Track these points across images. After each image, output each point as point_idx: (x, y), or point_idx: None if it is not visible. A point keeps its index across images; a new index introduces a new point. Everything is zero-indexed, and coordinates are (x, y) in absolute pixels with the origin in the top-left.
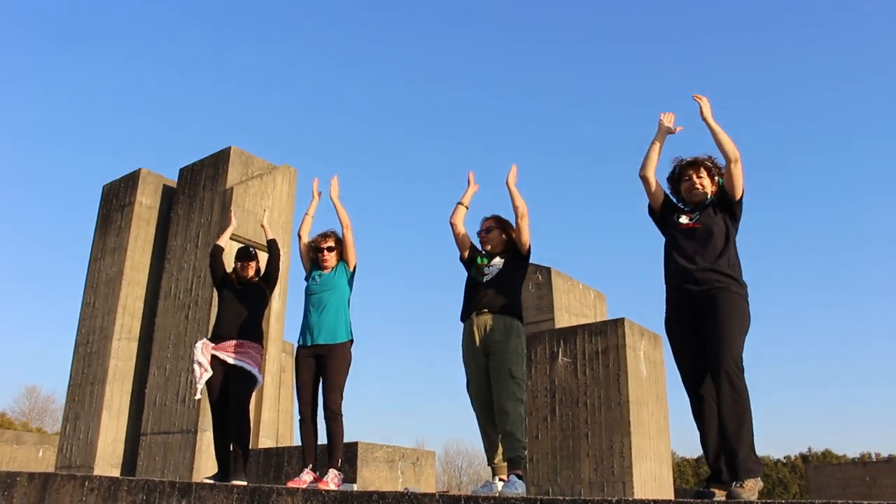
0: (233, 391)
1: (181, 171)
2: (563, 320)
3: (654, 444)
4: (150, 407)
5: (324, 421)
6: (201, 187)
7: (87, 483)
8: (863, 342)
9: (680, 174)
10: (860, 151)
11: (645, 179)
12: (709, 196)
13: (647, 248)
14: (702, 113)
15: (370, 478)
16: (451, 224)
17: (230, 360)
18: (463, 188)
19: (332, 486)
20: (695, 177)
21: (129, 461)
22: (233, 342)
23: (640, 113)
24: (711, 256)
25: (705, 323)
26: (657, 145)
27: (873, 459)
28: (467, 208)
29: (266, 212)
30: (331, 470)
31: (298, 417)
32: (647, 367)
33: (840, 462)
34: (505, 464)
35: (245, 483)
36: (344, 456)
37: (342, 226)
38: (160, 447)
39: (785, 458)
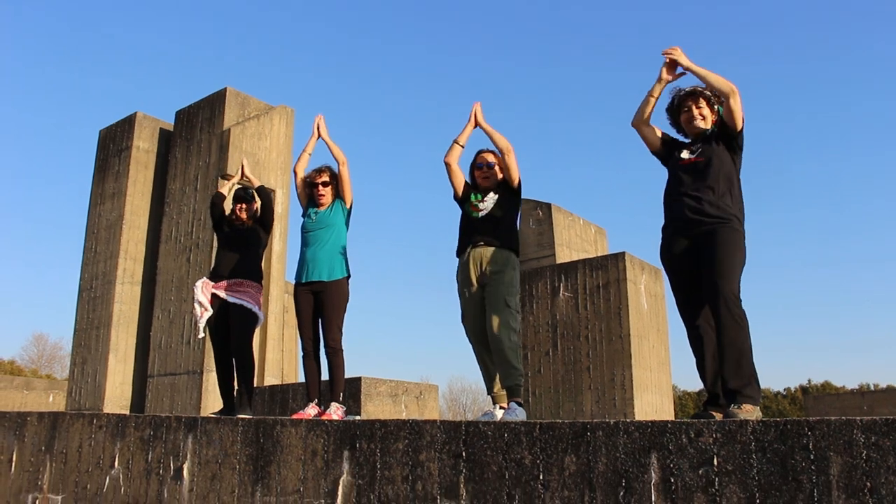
0: (233, 328)
1: (177, 113)
2: (563, 256)
3: (655, 377)
4: (156, 349)
5: (325, 357)
6: (198, 130)
7: (95, 420)
8: (862, 272)
9: (679, 105)
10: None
11: (637, 129)
12: (710, 127)
13: (647, 183)
14: (680, 65)
15: (374, 412)
16: (446, 163)
17: (229, 299)
18: (460, 127)
19: (335, 419)
20: (694, 108)
21: (138, 403)
22: (231, 281)
23: (639, 53)
24: (714, 191)
25: (704, 255)
26: (653, 98)
27: (871, 389)
28: (463, 148)
29: (245, 160)
30: (333, 403)
31: (301, 353)
32: (647, 301)
33: (839, 393)
34: (504, 392)
35: (250, 416)
36: (348, 391)
37: (338, 162)
38: (167, 388)
39: (784, 389)
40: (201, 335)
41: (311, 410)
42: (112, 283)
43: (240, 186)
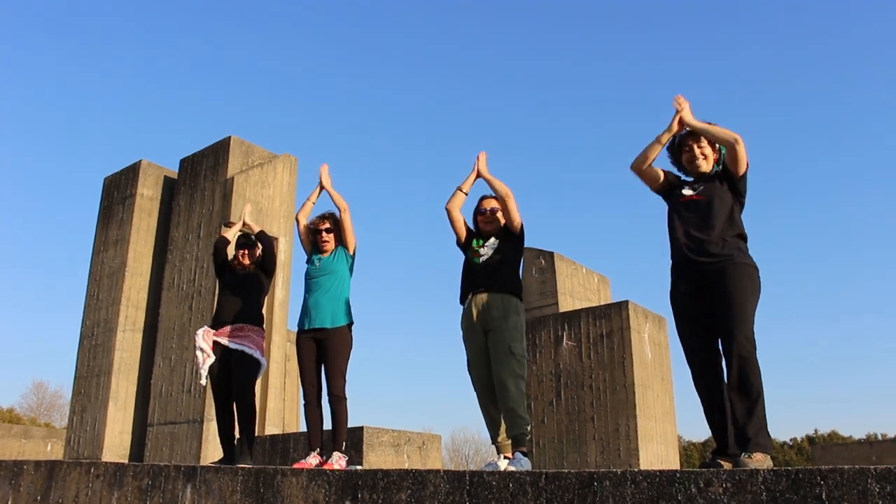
0: (235, 376)
1: (182, 161)
2: (566, 304)
3: (659, 427)
4: (156, 398)
5: (328, 405)
6: (202, 177)
7: (92, 469)
8: (867, 322)
9: (680, 144)
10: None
11: (637, 173)
12: (712, 167)
13: (651, 232)
14: (683, 120)
15: (376, 462)
16: (447, 210)
17: (231, 345)
18: (464, 176)
19: (337, 468)
20: (695, 147)
21: (137, 452)
22: (233, 326)
23: (640, 101)
24: (716, 227)
25: (714, 295)
26: (659, 146)
27: (879, 439)
28: (466, 195)
29: (248, 206)
30: (335, 453)
31: (303, 402)
32: (651, 350)
33: (846, 443)
34: (509, 442)
35: (250, 465)
36: (350, 440)
37: (339, 210)
38: (167, 437)
39: (791, 439)
40: (203, 382)
41: (313, 460)
42: (113, 330)
43: (241, 233)
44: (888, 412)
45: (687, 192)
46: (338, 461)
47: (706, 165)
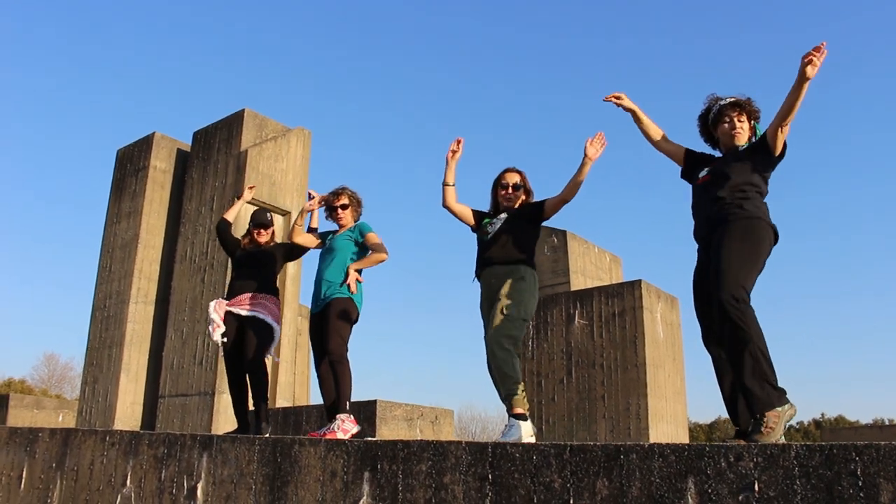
0: (248, 341)
1: (195, 134)
2: (578, 283)
3: (670, 406)
4: (168, 370)
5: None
6: (215, 150)
7: (108, 437)
8: (875, 304)
9: (720, 114)
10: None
11: (661, 151)
12: (746, 136)
13: (663, 212)
14: (811, 74)
15: (389, 436)
16: (447, 208)
17: (244, 313)
18: (481, 148)
19: (340, 434)
20: (737, 120)
21: (148, 423)
22: (247, 295)
23: (657, 79)
24: (723, 200)
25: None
26: (639, 125)
27: (887, 424)
28: (454, 186)
29: (251, 190)
30: (338, 416)
31: (316, 373)
32: (663, 330)
33: (855, 427)
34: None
35: (268, 433)
36: (363, 414)
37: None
38: (178, 409)
39: (798, 423)
40: (221, 343)
41: (351, 426)
42: (126, 302)
43: (259, 209)
44: (894, 397)
45: (702, 173)
46: (341, 424)
47: (742, 139)
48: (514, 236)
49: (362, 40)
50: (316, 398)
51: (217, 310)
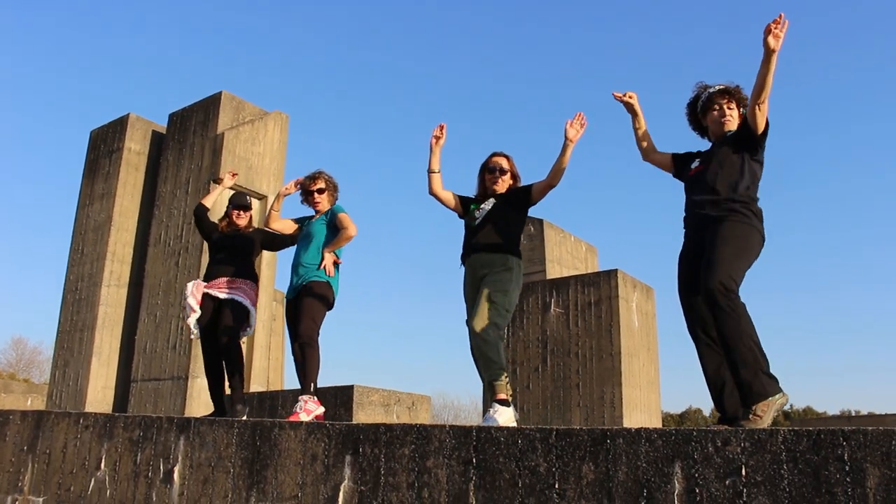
0: (224, 322)
1: (171, 116)
2: (554, 272)
3: (644, 395)
4: (141, 354)
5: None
6: (191, 133)
7: (81, 420)
8: (841, 299)
9: (709, 102)
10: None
11: (650, 162)
12: (735, 123)
13: (639, 203)
14: (774, 46)
15: (365, 421)
16: (433, 195)
17: (221, 296)
18: (460, 134)
19: (303, 416)
20: (726, 107)
21: (120, 408)
22: (224, 279)
23: (635, 72)
24: (716, 192)
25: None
26: (637, 131)
27: (854, 415)
28: (439, 173)
29: (233, 175)
30: (300, 396)
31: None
32: (638, 319)
33: (823, 417)
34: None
35: (244, 415)
36: (339, 399)
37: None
38: (150, 394)
39: None
40: (194, 335)
41: (314, 406)
42: (98, 285)
43: (237, 192)
44: (860, 388)
45: (694, 164)
46: (305, 405)
47: (732, 124)
48: (502, 223)
49: (342, 25)
50: (291, 383)
51: (195, 293)
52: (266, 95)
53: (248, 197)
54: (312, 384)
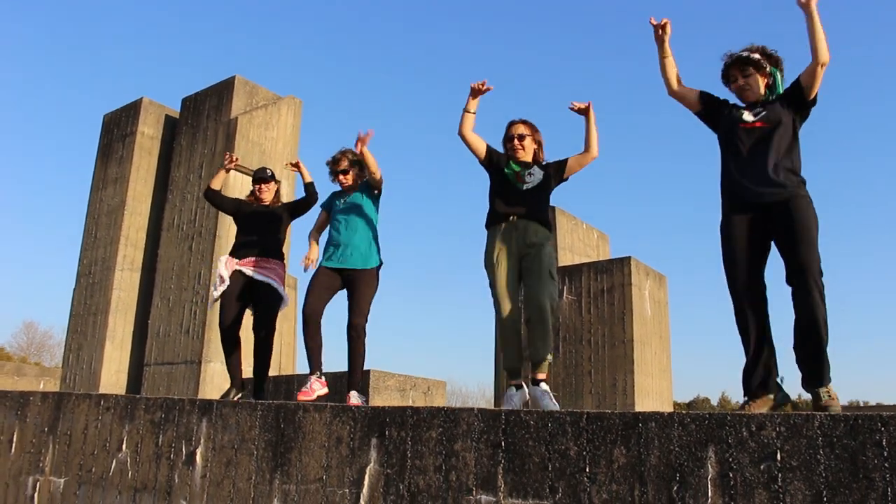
0: (261, 307)
1: (184, 100)
2: (565, 259)
3: (656, 383)
4: (154, 338)
5: (347, 340)
6: (205, 117)
7: (102, 402)
8: (844, 291)
9: (726, 77)
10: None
11: (674, 97)
12: (763, 94)
13: (651, 190)
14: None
15: (382, 405)
16: (462, 135)
17: (256, 276)
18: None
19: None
20: (740, 78)
21: (133, 391)
22: (257, 258)
23: (643, 53)
24: (782, 158)
25: (782, 228)
26: (664, 59)
27: (862, 405)
28: (474, 114)
29: (234, 159)
30: (353, 392)
31: (304, 315)
32: (651, 307)
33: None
34: (528, 371)
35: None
36: None
37: (375, 176)
38: (164, 378)
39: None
40: (215, 297)
41: (317, 386)
42: (111, 269)
43: (260, 167)
44: (866, 379)
45: (748, 117)
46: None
47: (752, 94)
48: (546, 197)
49: (356, 9)
50: (303, 367)
51: (227, 266)
52: (279, 80)
53: (267, 170)
54: (319, 369)
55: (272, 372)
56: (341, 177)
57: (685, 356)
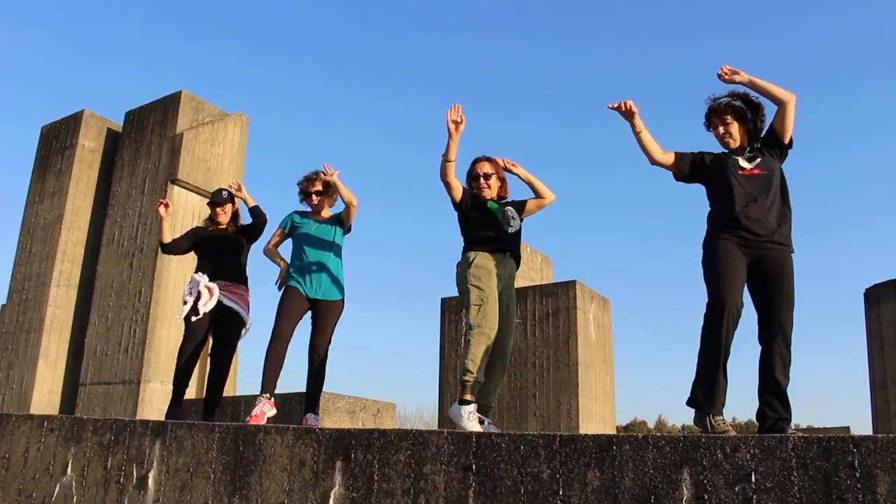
0: (227, 334)
1: (127, 114)
2: None
3: (600, 406)
4: (91, 357)
5: (309, 362)
6: (149, 132)
7: (46, 423)
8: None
9: (708, 124)
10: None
11: (660, 165)
12: (743, 139)
13: (594, 214)
14: (739, 82)
15: (332, 427)
16: (448, 182)
17: (225, 301)
18: (419, 129)
19: (268, 410)
20: (720, 126)
21: (67, 412)
22: (225, 283)
23: (587, 68)
24: (779, 212)
25: (772, 282)
26: (639, 134)
27: (804, 427)
28: (454, 162)
29: (240, 183)
30: (310, 414)
31: (276, 335)
32: (595, 331)
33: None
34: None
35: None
36: (304, 405)
37: (349, 205)
38: (100, 398)
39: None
40: (205, 310)
41: (268, 409)
42: (46, 284)
43: (214, 191)
44: (799, 401)
45: (745, 164)
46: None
47: (733, 142)
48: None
49: (308, 28)
50: (243, 388)
51: (208, 285)
52: (226, 97)
53: (224, 191)
54: (271, 387)
55: None
56: (314, 197)
57: (621, 379)
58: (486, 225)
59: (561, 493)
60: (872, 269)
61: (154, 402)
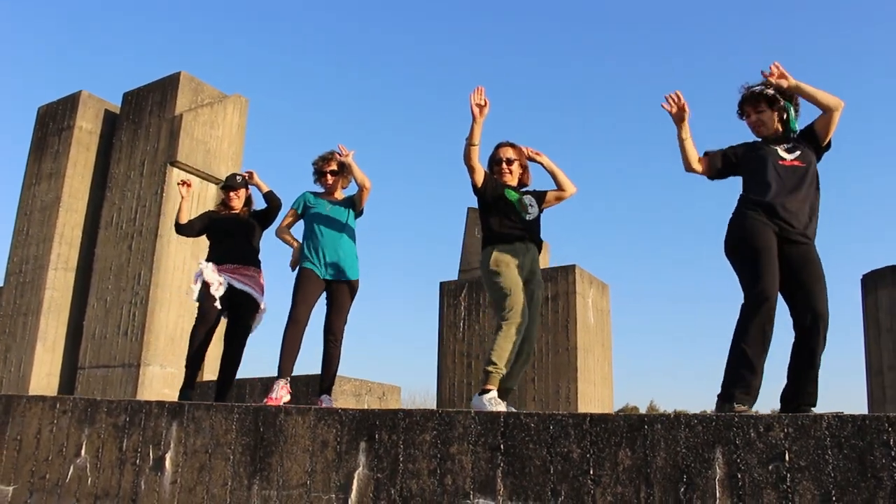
0: (238, 320)
1: (125, 95)
2: None
3: (598, 391)
4: (89, 340)
5: (324, 344)
6: (147, 113)
7: (59, 405)
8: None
9: (740, 112)
10: None
11: (694, 172)
12: (776, 128)
13: (592, 199)
14: (786, 87)
15: None
16: (472, 166)
17: (237, 284)
18: (415, 114)
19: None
20: (753, 114)
21: (66, 395)
22: (237, 266)
23: (588, 60)
24: (810, 205)
25: (806, 272)
26: (684, 139)
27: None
28: (479, 146)
29: (251, 171)
30: (325, 396)
31: (294, 319)
32: (594, 315)
33: None
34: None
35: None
36: (311, 388)
37: (362, 187)
38: (99, 381)
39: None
40: (218, 295)
41: (285, 392)
42: (44, 267)
43: (228, 175)
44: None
45: (785, 154)
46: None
47: (766, 129)
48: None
49: (308, 10)
50: (247, 372)
51: (214, 271)
52: (225, 78)
53: (238, 176)
54: (288, 371)
55: (214, 377)
56: (329, 177)
57: (616, 364)
58: (503, 212)
59: (592, 472)
60: (870, 255)
61: (154, 385)
